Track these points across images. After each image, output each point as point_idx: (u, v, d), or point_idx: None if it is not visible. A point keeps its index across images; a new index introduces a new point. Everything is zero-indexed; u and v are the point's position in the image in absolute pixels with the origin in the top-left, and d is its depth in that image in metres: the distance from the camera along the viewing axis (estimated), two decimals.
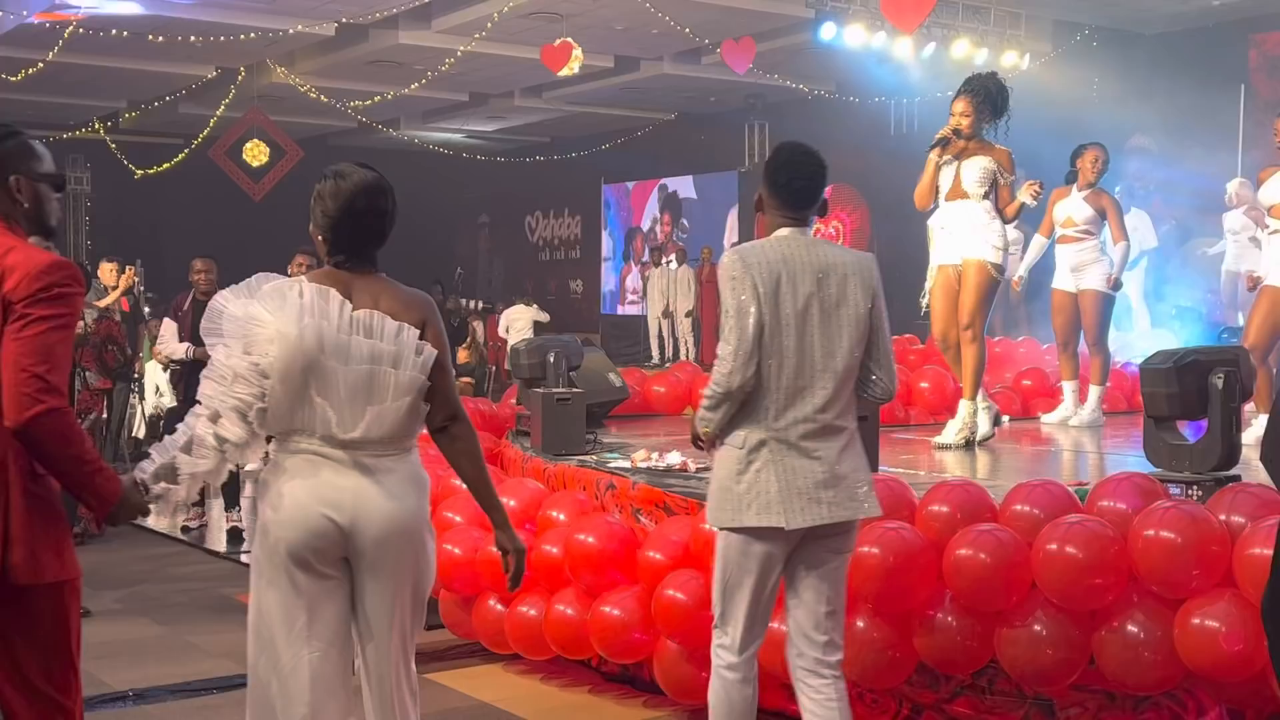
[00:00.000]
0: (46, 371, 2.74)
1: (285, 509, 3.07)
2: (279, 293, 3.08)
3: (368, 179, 3.20)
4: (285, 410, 3.07)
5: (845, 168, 17.66)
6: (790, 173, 3.60)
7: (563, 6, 13.30)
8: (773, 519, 3.45)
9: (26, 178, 2.96)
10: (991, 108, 6.49)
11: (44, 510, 2.86)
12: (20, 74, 14.59)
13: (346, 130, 20.51)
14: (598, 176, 21.49)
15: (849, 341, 3.52)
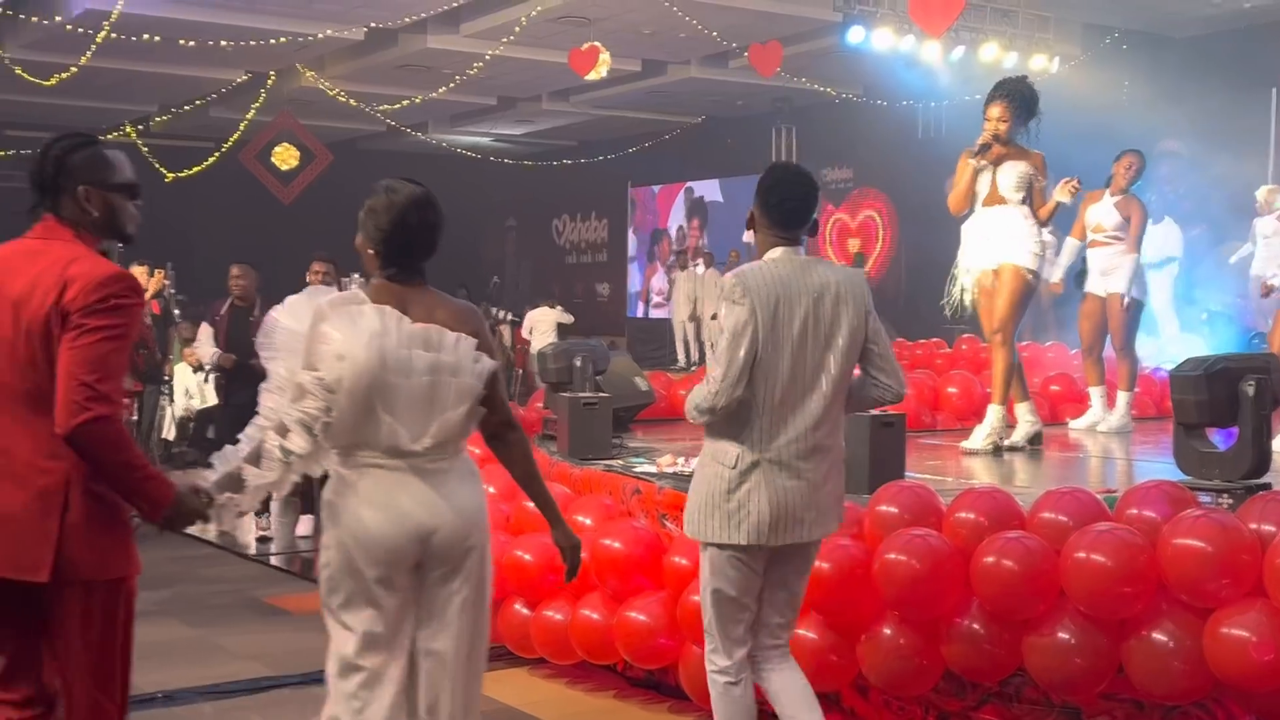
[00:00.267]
0: (96, 381, 2.81)
1: (360, 526, 3.15)
2: (348, 313, 3.14)
3: (418, 193, 3.28)
4: (350, 425, 3.14)
5: (872, 171, 17.68)
6: (782, 193, 3.69)
7: (591, 11, 13.32)
8: (761, 539, 3.59)
9: (96, 187, 3.02)
10: (1026, 111, 6.47)
11: (102, 510, 2.93)
12: (53, 78, 14.71)
13: (375, 134, 20.59)
14: (624, 180, 21.51)
15: (840, 360, 3.62)
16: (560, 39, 14.13)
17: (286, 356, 3.16)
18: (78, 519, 2.90)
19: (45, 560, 2.88)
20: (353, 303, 3.17)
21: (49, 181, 3.03)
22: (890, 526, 4.38)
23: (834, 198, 18.41)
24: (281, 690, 5.36)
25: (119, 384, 2.87)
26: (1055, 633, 4.04)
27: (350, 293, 3.23)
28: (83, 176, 3.01)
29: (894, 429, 5.19)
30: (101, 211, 3.03)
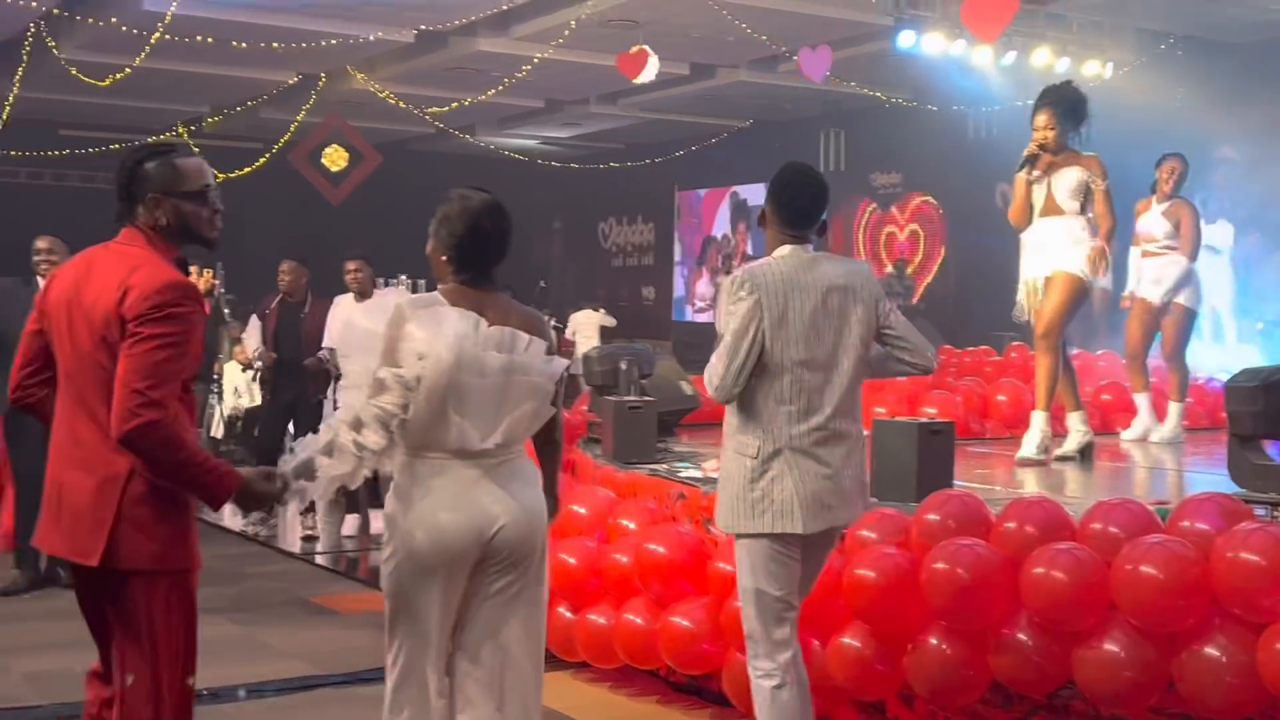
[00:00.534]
0: (147, 387, 2.91)
1: (430, 523, 3.27)
2: (432, 314, 3.25)
3: (490, 201, 3.44)
4: (424, 424, 3.24)
5: (921, 176, 17.55)
6: (793, 192, 3.82)
7: (640, 14, 13.31)
8: (790, 525, 3.67)
9: (166, 195, 3.13)
10: (1074, 117, 6.38)
11: (159, 502, 3.04)
12: (108, 79, 14.87)
13: (423, 136, 20.68)
14: (671, 183, 21.48)
15: (853, 352, 3.74)
16: (609, 42, 14.13)
17: (363, 355, 3.28)
18: (134, 509, 3.02)
19: (97, 546, 3.00)
20: (433, 304, 3.29)
21: (124, 191, 3.16)
22: (938, 535, 4.34)
23: (882, 202, 18.30)
24: (326, 689, 5.39)
25: (172, 389, 2.96)
26: (1105, 645, 3.99)
27: (429, 295, 3.35)
28: (153, 185, 3.13)
29: (942, 436, 5.14)
30: (172, 219, 3.14)
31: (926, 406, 7.35)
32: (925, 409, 7.31)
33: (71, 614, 6.75)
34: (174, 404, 2.96)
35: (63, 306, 3.10)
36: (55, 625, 6.42)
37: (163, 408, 2.92)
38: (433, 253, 3.45)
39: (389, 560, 3.37)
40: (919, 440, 5.03)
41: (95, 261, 3.14)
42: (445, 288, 3.39)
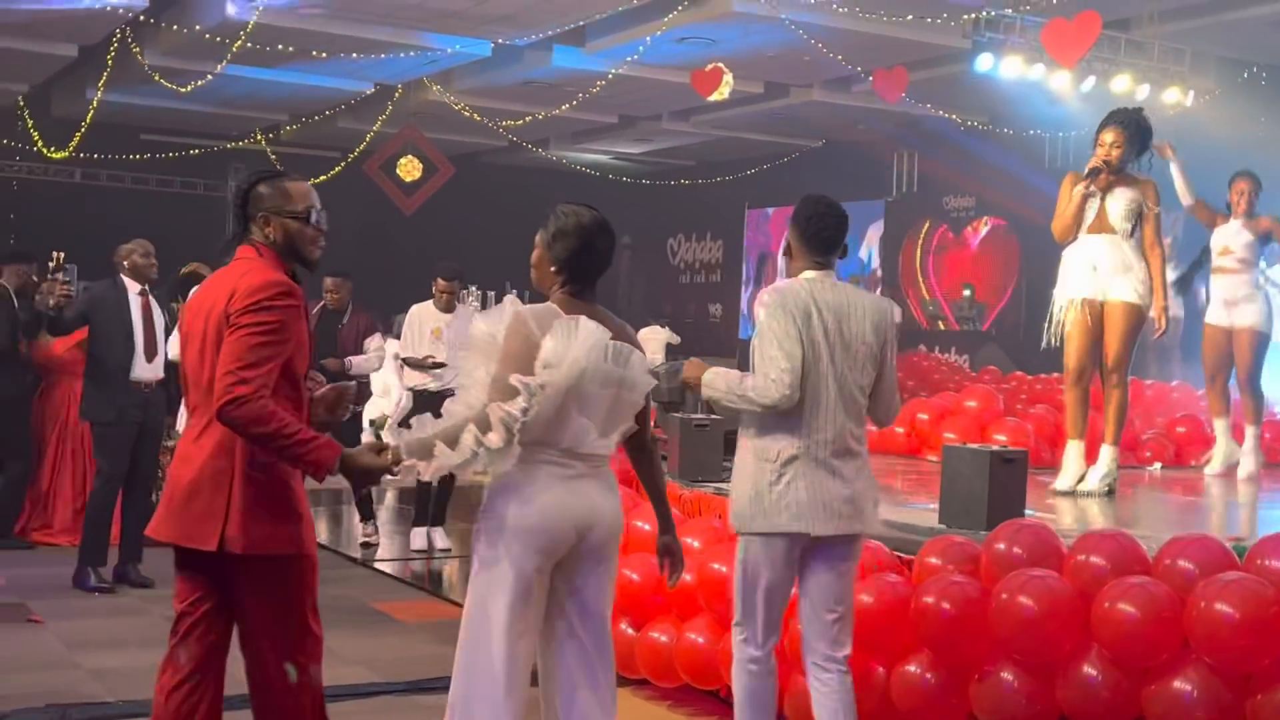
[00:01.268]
0: (240, 368, 3.20)
1: (536, 517, 3.41)
2: (562, 325, 3.40)
3: (601, 218, 3.61)
4: (541, 426, 3.37)
5: (996, 201, 17.38)
6: (819, 223, 4.06)
7: (715, 33, 13.32)
8: (803, 525, 3.90)
9: (275, 215, 3.45)
10: (1139, 141, 6.31)
11: (263, 490, 3.33)
12: (190, 85, 15.13)
13: (496, 149, 20.82)
14: (741, 201, 21.45)
15: (864, 373, 3.98)
16: (684, 59, 14.15)
17: (484, 359, 3.40)
18: (240, 498, 3.31)
19: (213, 533, 3.31)
20: (555, 315, 3.43)
21: (240, 211, 3.49)
22: (1008, 566, 4.28)
23: (955, 225, 18.15)
24: (387, 697, 5.41)
25: (265, 371, 3.22)
26: (1177, 683, 3.92)
27: (545, 306, 3.48)
28: (264, 205, 3.45)
29: (1015, 465, 5.07)
30: (280, 237, 3.45)
31: (997, 433, 7.27)
32: (996, 436, 7.23)
33: (138, 611, 6.88)
34: (267, 387, 3.22)
35: (192, 317, 3.45)
36: (123, 622, 6.52)
37: (252, 385, 3.19)
38: (539, 262, 3.61)
39: (484, 552, 3.46)
40: (991, 468, 4.96)
41: (217, 276, 3.49)
42: (556, 298, 3.54)
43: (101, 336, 7.19)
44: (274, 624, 3.43)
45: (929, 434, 8.02)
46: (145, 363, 7.19)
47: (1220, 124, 12.58)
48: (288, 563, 3.41)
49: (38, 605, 6.71)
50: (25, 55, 15.18)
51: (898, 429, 8.24)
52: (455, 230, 19.38)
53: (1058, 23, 11.31)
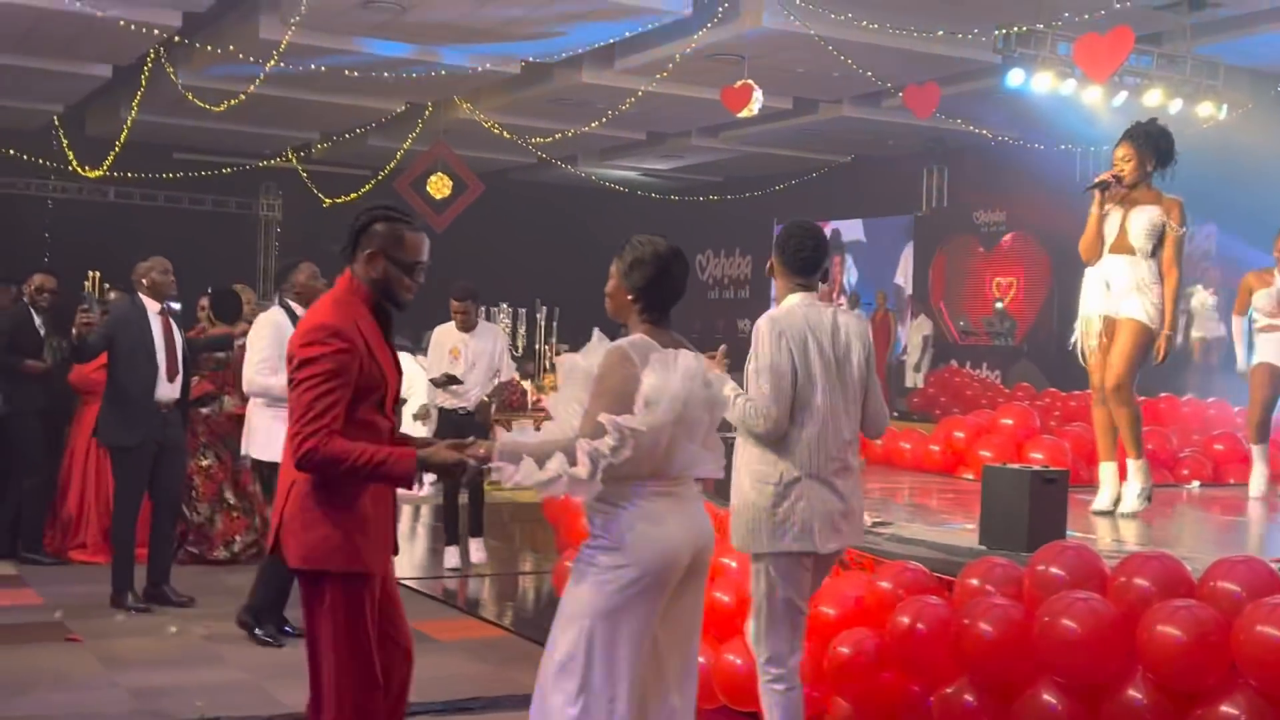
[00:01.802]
0: (304, 424, 3.37)
1: (668, 554, 3.48)
2: (663, 359, 3.48)
3: (675, 246, 3.70)
4: (650, 457, 3.44)
5: (1025, 216, 17.31)
6: (797, 244, 4.25)
7: (744, 48, 13.33)
8: (809, 544, 4.07)
9: (383, 256, 3.56)
10: (1155, 154, 6.19)
11: (315, 503, 3.45)
12: (223, 105, 15.24)
13: (525, 166, 20.89)
14: (770, 217, 21.42)
15: (855, 391, 4.21)
16: (712, 76, 14.16)
17: (578, 390, 3.50)
18: (290, 511, 3.48)
19: (275, 540, 3.54)
20: (650, 348, 3.50)
21: (353, 238, 3.60)
22: (1052, 588, 4.25)
23: (985, 241, 18.08)
24: (424, 717, 5.40)
25: (328, 419, 3.37)
26: (1224, 707, 3.88)
27: (640, 339, 3.55)
28: (375, 243, 3.56)
29: (1056, 486, 5.04)
30: (380, 276, 3.57)
31: (1034, 451, 7.22)
32: (1033, 454, 7.18)
33: (178, 631, 6.89)
34: (332, 430, 3.37)
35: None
36: (160, 640, 6.54)
37: (318, 436, 3.36)
38: (616, 292, 3.67)
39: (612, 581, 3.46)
40: (1031, 489, 4.93)
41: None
42: (640, 328, 3.61)
43: (123, 357, 7.03)
44: (320, 641, 3.48)
45: (965, 452, 7.98)
46: (166, 383, 7.08)
47: (1254, 137, 12.50)
48: (337, 579, 3.45)
49: (75, 624, 6.75)
50: (60, 76, 15.33)
51: (933, 447, 8.21)
52: (485, 247, 19.43)
53: (1090, 37, 11.27)
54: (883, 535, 5.39)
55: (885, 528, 5.57)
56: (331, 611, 3.46)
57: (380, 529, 3.58)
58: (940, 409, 13.69)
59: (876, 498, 6.85)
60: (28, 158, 17.39)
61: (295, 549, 3.46)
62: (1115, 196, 6.21)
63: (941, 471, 8.10)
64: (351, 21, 12.95)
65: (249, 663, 6.15)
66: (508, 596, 8.29)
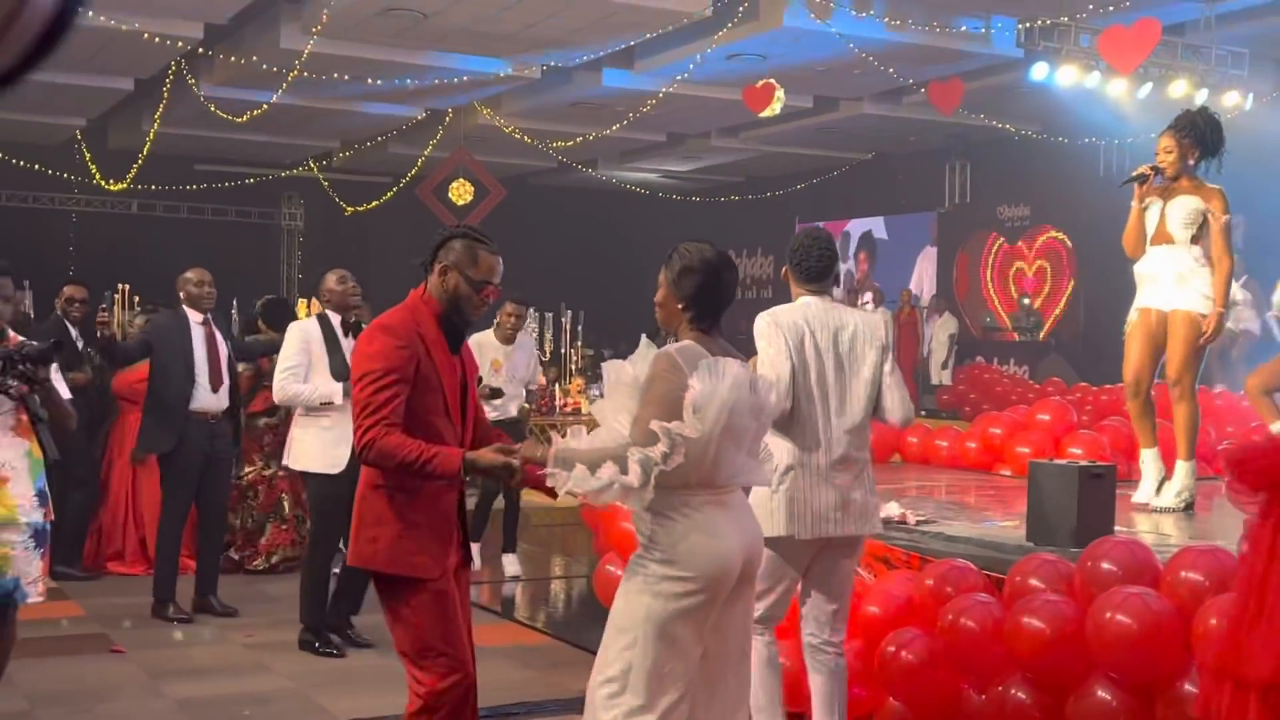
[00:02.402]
0: (363, 418, 3.58)
1: (720, 564, 3.44)
2: (711, 366, 3.43)
3: (723, 253, 3.68)
4: (702, 469, 3.42)
5: (1050, 209, 17.25)
6: (804, 253, 4.37)
7: (765, 48, 13.32)
8: (794, 531, 4.21)
9: (456, 272, 3.70)
10: (1200, 144, 6.08)
11: (369, 511, 3.67)
12: (245, 115, 15.30)
13: (546, 170, 20.92)
14: (792, 216, 21.41)
15: (862, 387, 4.27)
16: (733, 76, 14.16)
17: (626, 399, 3.48)
18: (355, 515, 3.71)
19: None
20: (699, 355, 3.47)
21: (434, 252, 3.75)
22: (1104, 584, 4.22)
23: (1010, 236, 18.02)
24: None
25: (385, 412, 3.54)
26: None
27: (689, 345, 3.53)
28: (451, 259, 3.71)
29: (1104, 481, 5.01)
30: (452, 291, 3.71)
31: (1072, 447, 7.19)
32: (1071, 449, 7.15)
33: (218, 640, 6.92)
34: (391, 424, 3.53)
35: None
36: (204, 650, 6.56)
37: (376, 429, 3.53)
38: (666, 301, 3.65)
39: (667, 594, 3.43)
40: (1080, 484, 4.90)
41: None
42: (690, 336, 3.59)
43: (161, 367, 7.09)
44: (394, 635, 3.71)
45: (1002, 448, 7.95)
46: (210, 393, 7.07)
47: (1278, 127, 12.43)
48: (394, 582, 3.65)
49: (118, 635, 6.77)
50: (83, 90, 15.42)
51: (969, 443, 8.18)
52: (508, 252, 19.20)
53: (1115, 29, 11.23)
54: (928, 533, 5.37)
55: (929, 526, 5.55)
56: (394, 610, 3.68)
57: (434, 536, 3.67)
58: (970, 406, 13.64)
59: (914, 495, 6.83)
60: (51, 172, 17.50)
61: (352, 549, 3.72)
62: (1156, 189, 6.15)
63: (978, 468, 8.07)
64: (371, 30, 12.99)
65: (295, 671, 6.16)
66: (543, 601, 8.29)
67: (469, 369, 3.86)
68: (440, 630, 3.63)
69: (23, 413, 4.61)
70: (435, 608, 3.64)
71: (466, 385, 3.80)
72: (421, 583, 3.63)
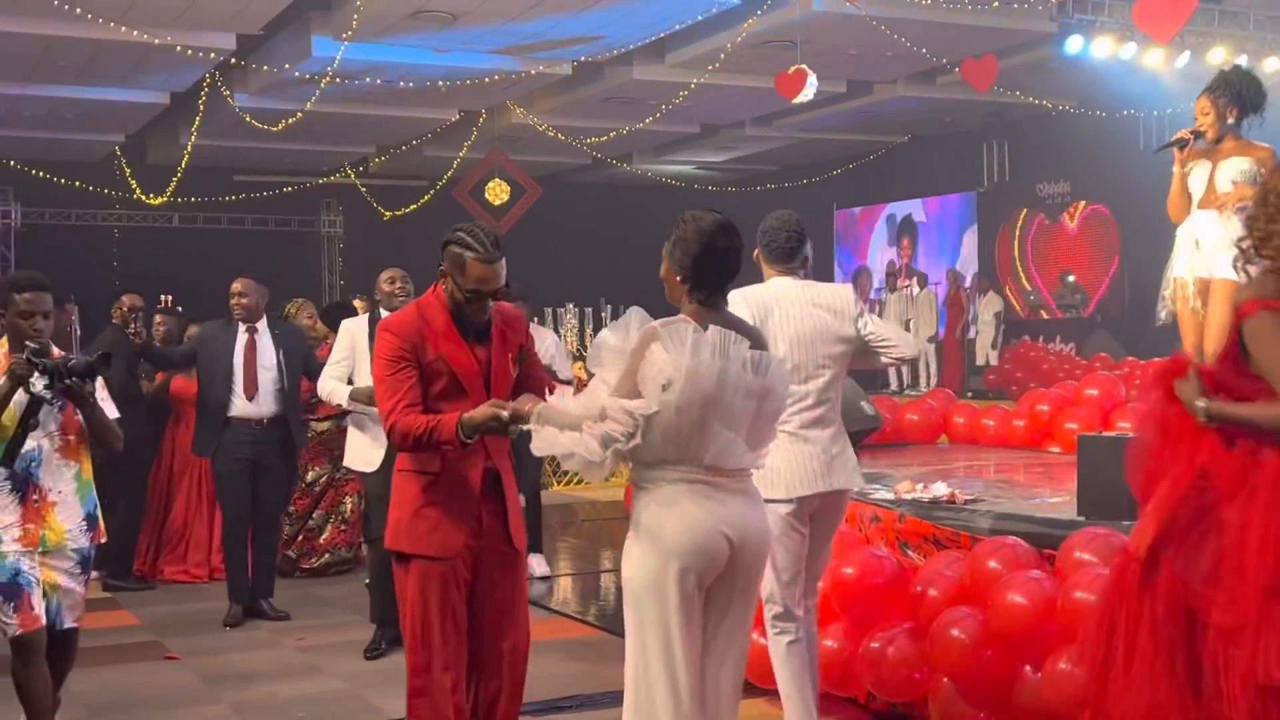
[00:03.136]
0: (381, 405, 3.85)
1: (692, 535, 3.33)
2: (678, 337, 3.30)
3: (722, 220, 3.53)
4: (673, 442, 3.31)
5: (1090, 184, 17.07)
6: (773, 235, 4.51)
7: (796, 34, 13.25)
8: (792, 491, 4.28)
9: (449, 279, 3.88)
10: (1238, 102, 5.83)
11: (399, 495, 3.91)
12: (280, 124, 15.39)
13: (581, 167, 20.93)
14: (829, 202, 21.32)
15: (834, 357, 4.42)
16: (764, 64, 14.09)
17: (609, 372, 3.37)
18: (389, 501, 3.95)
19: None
20: (683, 328, 3.32)
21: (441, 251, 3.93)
22: None
23: (1050, 212, 17.84)
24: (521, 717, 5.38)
25: (395, 399, 3.79)
26: None
27: (678, 318, 3.39)
28: (445, 264, 3.90)
29: None
30: (449, 293, 3.90)
31: (1121, 421, 7.09)
32: (1120, 424, 7.06)
33: (271, 644, 6.96)
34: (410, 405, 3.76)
35: None
36: (257, 655, 6.59)
37: (392, 415, 3.77)
38: (667, 274, 3.54)
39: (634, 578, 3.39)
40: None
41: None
42: (687, 309, 3.47)
43: (204, 374, 7.29)
44: (401, 617, 3.90)
45: (1049, 425, 7.86)
46: (245, 400, 7.15)
47: None
48: (408, 561, 3.85)
49: (172, 642, 6.82)
50: (120, 106, 15.59)
51: (1016, 422, 8.09)
52: (547, 249, 19.49)
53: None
54: (977, 512, 5.31)
55: (978, 504, 5.48)
56: (402, 589, 3.87)
57: (450, 517, 3.84)
58: (1016, 385, 13.52)
59: (962, 475, 6.76)
60: (92, 189, 17.68)
61: (390, 533, 3.90)
62: (1200, 152, 6.01)
63: (1026, 446, 7.98)
64: (402, 34, 13.02)
65: (347, 672, 6.18)
66: (592, 594, 8.28)
67: (504, 348, 3.93)
68: (428, 618, 3.81)
69: (69, 433, 4.55)
70: (431, 592, 3.81)
71: (492, 365, 3.89)
72: (430, 564, 3.81)
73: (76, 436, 4.56)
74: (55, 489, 4.50)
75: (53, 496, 4.50)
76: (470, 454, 3.83)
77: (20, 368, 4.33)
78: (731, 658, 3.50)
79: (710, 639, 3.45)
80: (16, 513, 4.43)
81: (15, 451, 4.39)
